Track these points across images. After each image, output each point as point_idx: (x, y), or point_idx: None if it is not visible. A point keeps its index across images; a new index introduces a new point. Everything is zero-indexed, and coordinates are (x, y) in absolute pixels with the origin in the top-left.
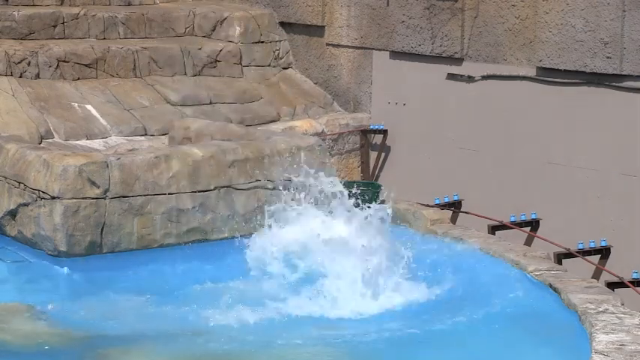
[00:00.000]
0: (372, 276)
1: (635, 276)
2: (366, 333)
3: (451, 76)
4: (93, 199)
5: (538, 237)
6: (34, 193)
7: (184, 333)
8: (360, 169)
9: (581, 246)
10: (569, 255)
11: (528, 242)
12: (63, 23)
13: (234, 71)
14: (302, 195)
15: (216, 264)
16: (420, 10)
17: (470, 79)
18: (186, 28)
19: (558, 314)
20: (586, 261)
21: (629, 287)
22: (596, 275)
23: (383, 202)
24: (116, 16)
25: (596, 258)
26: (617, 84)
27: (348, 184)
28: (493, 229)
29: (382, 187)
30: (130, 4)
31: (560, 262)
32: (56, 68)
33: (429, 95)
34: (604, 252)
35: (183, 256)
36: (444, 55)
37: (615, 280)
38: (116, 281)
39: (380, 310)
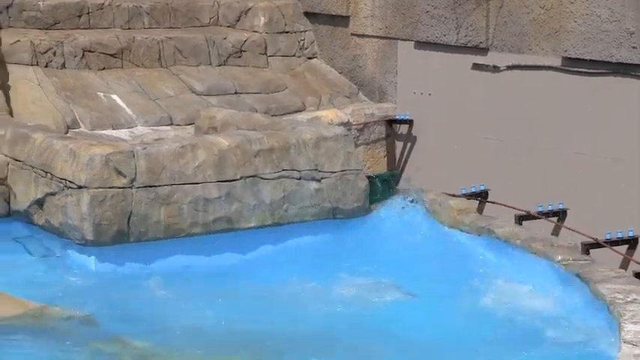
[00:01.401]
0: None
1: None
2: None
3: (476, 66)
4: (119, 188)
5: (565, 227)
6: (60, 182)
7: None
8: (385, 159)
9: (608, 236)
10: (596, 245)
11: (555, 232)
12: (88, 13)
13: (259, 61)
14: None
15: None
16: (445, 0)
17: (495, 69)
18: (210, 18)
19: (586, 304)
20: (613, 251)
21: None
22: (624, 265)
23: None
24: (141, 6)
25: (623, 248)
26: None
27: None
28: (520, 219)
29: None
30: None
31: (587, 253)
32: (82, 58)
33: (455, 85)
34: (632, 242)
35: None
36: (469, 45)
37: None
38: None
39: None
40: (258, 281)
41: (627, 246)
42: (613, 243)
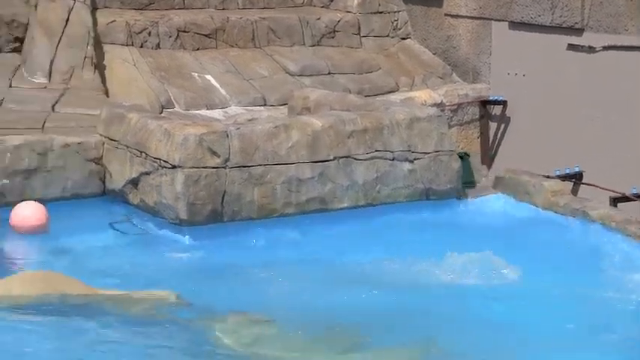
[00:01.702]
0: None
1: None
2: None
3: (571, 47)
4: (213, 168)
5: None
6: (155, 162)
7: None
8: (479, 140)
9: None
10: None
11: None
12: None
13: (352, 41)
14: None
15: None
16: None
17: (590, 49)
18: None
19: None
20: None
21: None
22: None
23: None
24: None
25: None
26: None
27: None
28: (615, 201)
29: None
30: None
31: None
32: (176, 38)
33: (549, 66)
34: None
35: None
36: (564, 25)
37: None
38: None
39: None
40: (352, 261)
41: None
42: None
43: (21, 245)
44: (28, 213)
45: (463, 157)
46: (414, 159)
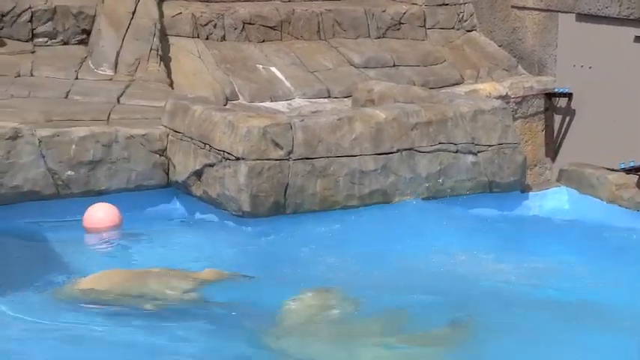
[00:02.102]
0: None
1: None
2: None
3: (638, 39)
4: (276, 160)
5: None
6: (219, 153)
7: None
8: (544, 132)
9: None
10: None
11: None
12: None
13: (417, 34)
14: None
15: None
16: None
17: None
18: None
19: None
20: None
21: None
22: None
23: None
24: None
25: None
26: None
27: None
28: None
29: None
30: None
31: None
32: (242, 30)
33: (616, 58)
34: None
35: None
36: (631, 17)
37: None
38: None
39: None
40: (419, 252)
41: None
42: None
43: (95, 239)
44: (101, 215)
45: None
46: (478, 151)
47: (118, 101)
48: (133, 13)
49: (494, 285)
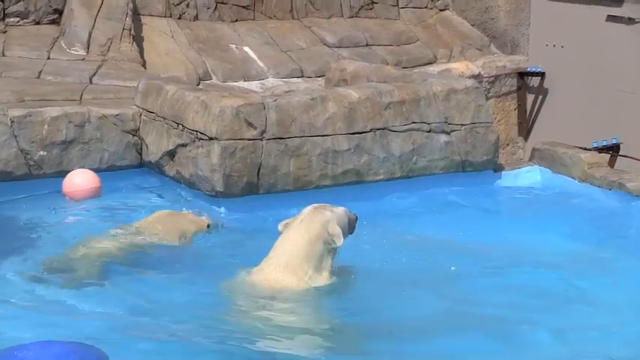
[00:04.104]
0: None
1: None
2: None
3: (611, 18)
4: (250, 140)
5: None
6: (192, 133)
7: None
8: (516, 111)
9: None
10: None
11: None
12: None
13: (390, 13)
14: None
15: None
16: None
17: (630, 20)
18: None
19: None
20: None
21: None
22: None
23: None
24: None
25: None
26: None
27: None
28: None
29: None
30: None
31: None
32: (214, 10)
33: (588, 37)
34: None
35: None
36: None
37: None
38: None
39: None
40: (390, 230)
41: None
42: None
43: (77, 210)
44: (79, 180)
45: None
46: (451, 131)
47: (91, 81)
48: None
49: (461, 263)
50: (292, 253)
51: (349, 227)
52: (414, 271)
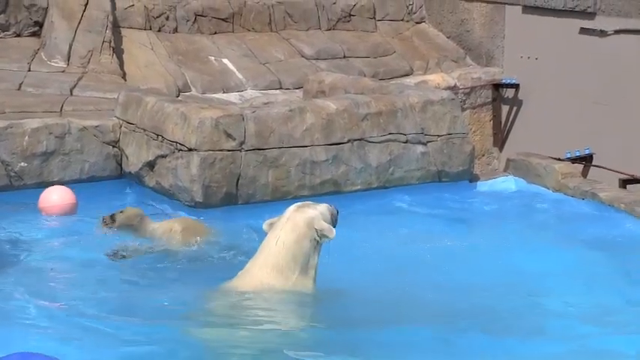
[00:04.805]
0: None
1: None
2: None
3: (584, 31)
4: (229, 151)
5: None
6: (171, 144)
7: None
8: (491, 122)
9: None
10: None
11: None
12: None
13: (367, 25)
14: None
15: None
16: None
17: (602, 33)
18: None
19: None
20: None
21: None
22: None
23: None
24: None
25: None
26: None
27: None
28: (624, 183)
29: None
30: None
31: None
32: (194, 22)
33: (562, 49)
34: None
35: None
36: (576, 9)
37: None
38: None
39: None
40: (365, 239)
41: None
42: None
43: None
44: (56, 197)
45: None
46: (427, 142)
47: (71, 93)
48: (86, 5)
49: (431, 271)
50: (279, 253)
51: (333, 222)
52: (388, 280)
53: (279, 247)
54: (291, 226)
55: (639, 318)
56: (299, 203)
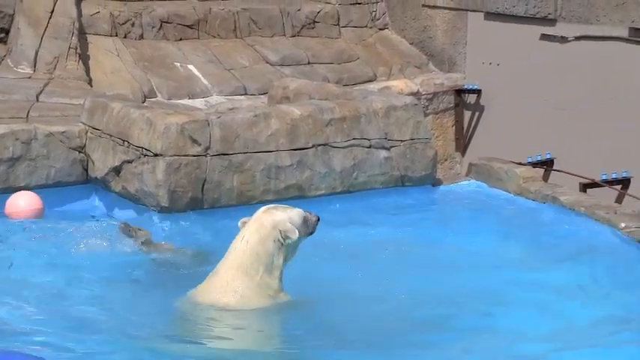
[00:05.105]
0: None
1: None
2: None
3: (544, 37)
4: (194, 156)
5: (629, 195)
6: (137, 150)
7: None
8: (454, 128)
9: None
10: None
11: (619, 200)
12: None
13: (331, 32)
14: None
15: None
16: None
17: (563, 39)
18: None
19: None
20: None
21: None
22: None
23: None
24: None
25: None
26: None
27: None
28: (585, 187)
29: None
30: None
31: None
32: (159, 29)
33: (523, 56)
34: None
35: None
36: (537, 16)
37: None
38: None
39: None
40: (326, 243)
41: None
42: None
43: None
44: (23, 203)
45: None
46: (391, 147)
47: (37, 99)
48: (52, 12)
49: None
50: (244, 253)
51: (306, 227)
52: (351, 284)
53: (244, 247)
54: (256, 227)
55: (594, 320)
56: (270, 205)
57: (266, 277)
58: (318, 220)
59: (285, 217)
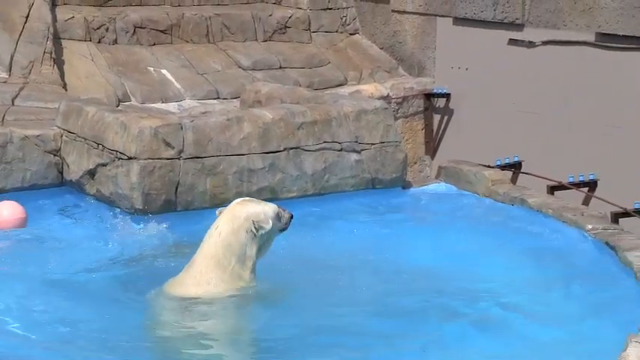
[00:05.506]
0: None
1: None
2: None
3: (512, 42)
4: (168, 159)
5: (595, 197)
6: (112, 153)
7: None
8: (423, 131)
9: (637, 205)
10: (625, 214)
11: (586, 202)
12: None
13: (303, 37)
14: None
15: None
16: None
17: (530, 44)
18: None
19: (615, 272)
20: None
21: None
22: None
23: None
24: None
25: None
26: None
27: None
28: (552, 190)
29: None
30: None
31: (616, 222)
32: (133, 34)
33: (491, 60)
34: None
35: None
36: (505, 21)
37: None
38: None
39: None
40: (300, 245)
41: None
42: None
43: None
44: (6, 213)
45: None
46: (361, 150)
47: (13, 103)
48: (27, 17)
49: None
50: (217, 243)
51: (279, 221)
52: (322, 284)
53: (216, 237)
54: (229, 217)
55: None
56: (245, 197)
57: (238, 267)
58: (292, 217)
59: (259, 209)
